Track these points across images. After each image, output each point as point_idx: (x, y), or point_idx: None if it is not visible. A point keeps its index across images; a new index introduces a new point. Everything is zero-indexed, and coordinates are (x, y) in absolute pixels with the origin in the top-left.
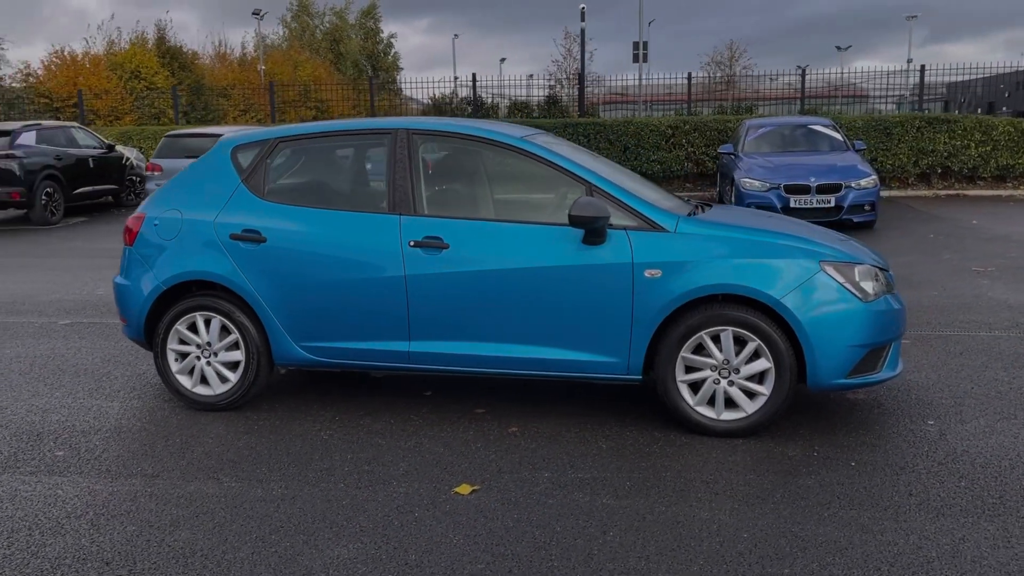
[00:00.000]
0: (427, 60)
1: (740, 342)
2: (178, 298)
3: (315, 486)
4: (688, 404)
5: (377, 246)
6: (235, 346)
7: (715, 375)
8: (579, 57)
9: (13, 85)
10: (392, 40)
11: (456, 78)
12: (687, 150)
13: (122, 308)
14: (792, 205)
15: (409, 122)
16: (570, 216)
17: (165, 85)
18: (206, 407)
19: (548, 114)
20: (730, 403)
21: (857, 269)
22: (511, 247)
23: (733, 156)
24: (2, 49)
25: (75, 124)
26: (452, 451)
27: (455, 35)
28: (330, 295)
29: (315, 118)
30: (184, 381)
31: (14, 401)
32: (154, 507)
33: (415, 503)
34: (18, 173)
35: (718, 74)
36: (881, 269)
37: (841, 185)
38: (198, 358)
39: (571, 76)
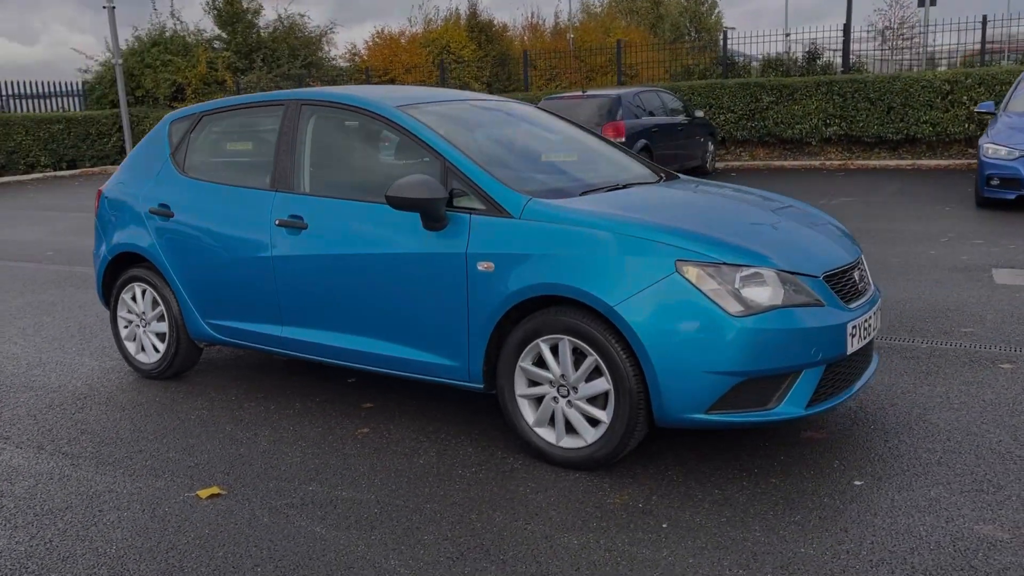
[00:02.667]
0: (754, 17)
1: (584, 355)
2: (126, 268)
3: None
4: (526, 423)
5: (252, 224)
6: (162, 318)
7: (554, 392)
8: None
9: (340, 64)
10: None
11: (788, 34)
12: (968, 108)
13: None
14: None
15: (305, 92)
16: (385, 197)
17: (472, 58)
18: (144, 374)
19: (807, 71)
20: (571, 428)
21: (741, 273)
22: (360, 230)
23: (992, 115)
24: (332, 33)
25: None
26: (253, 451)
27: None
28: (220, 273)
29: (622, 84)
30: (129, 347)
31: None
32: None
33: (156, 499)
34: None
35: None
36: (801, 275)
37: None
38: (137, 326)
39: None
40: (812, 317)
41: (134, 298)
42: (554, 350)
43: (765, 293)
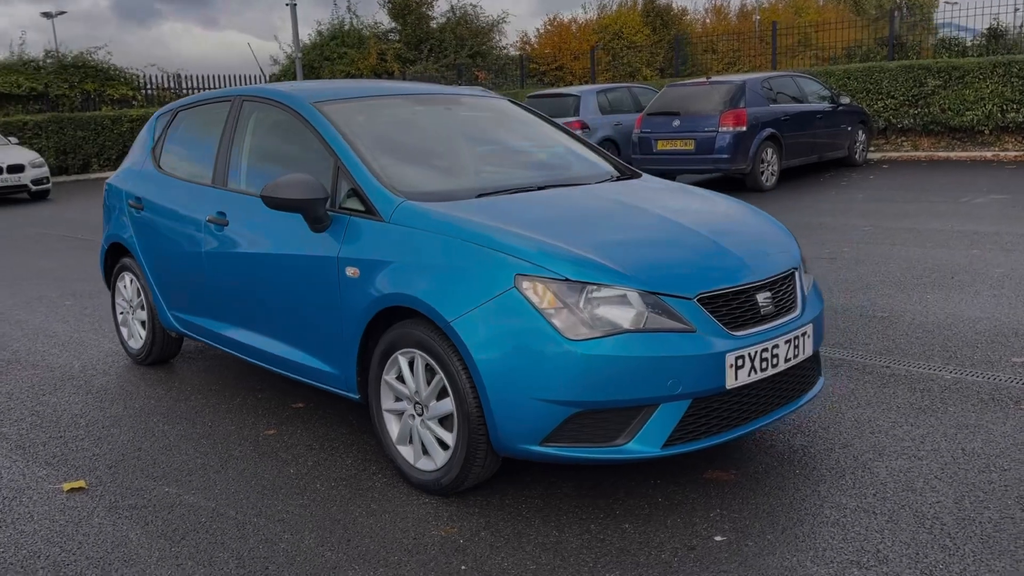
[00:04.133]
0: None
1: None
2: (120, 257)
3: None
4: (391, 439)
5: (193, 220)
6: (143, 307)
7: (412, 409)
8: None
9: (511, 53)
10: None
11: (1016, 9)
12: None
13: None
14: None
15: (248, 89)
16: (260, 196)
17: (646, 43)
18: (133, 360)
19: (987, 51)
20: (427, 449)
21: (589, 292)
22: (266, 229)
23: None
24: (504, 23)
25: (480, 89)
26: (156, 445)
27: None
28: (174, 267)
29: (812, 65)
30: (123, 332)
31: None
32: None
33: (26, 488)
34: None
35: None
36: (668, 296)
37: None
38: (127, 314)
39: None
40: (672, 344)
41: (125, 287)
42: (412, 364)
43: (618, 314)
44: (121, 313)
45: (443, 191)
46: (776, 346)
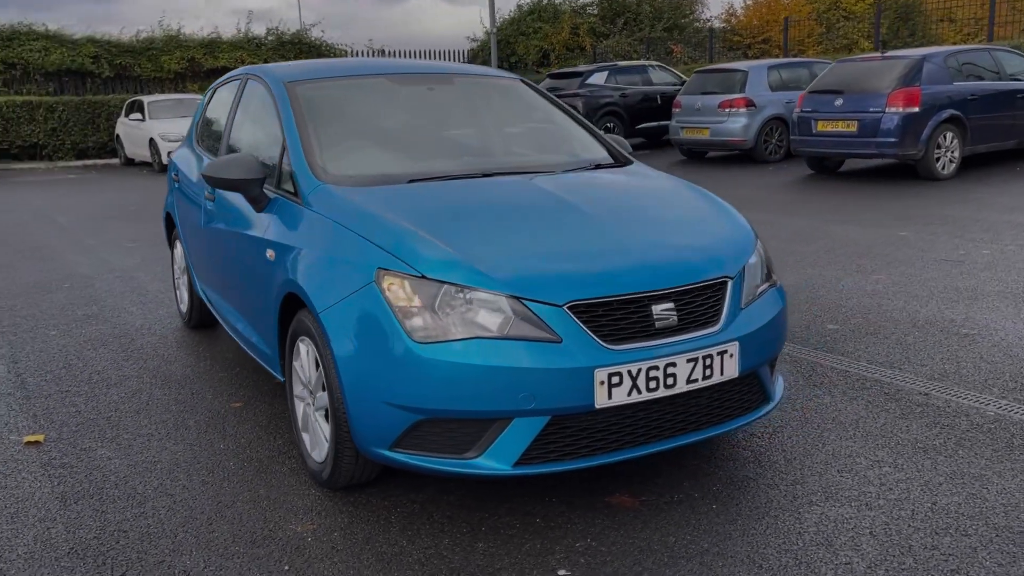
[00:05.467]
0: None
1: None
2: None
3: None
4: (297, 424)
5: (199, 193)
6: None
7: (309, 398)
8: None
9: (716, 25)
10: None
11: None
12: None
13: None
14: None
15: (254, 68)
16: (201, 175)
17: (866, 13)
18: (183, 321)
19: None
20: (317, 440)
21: (445, 291)
22: (231, 207)
23: None
24: None
25: (655, 63)
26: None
27: None
28: (192, 238)
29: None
30: (176, 295)
31: None
32: None
33: None
34: (582, 111)
35: None
36: (533, 301)
37: None
38: (178, 278)
39: None
40: (531, 355)
41: (176, 252)
42: (310, 353)
43: (477, 319)
44: (176, 278)
45: (375, 175)
46: (673, 364)
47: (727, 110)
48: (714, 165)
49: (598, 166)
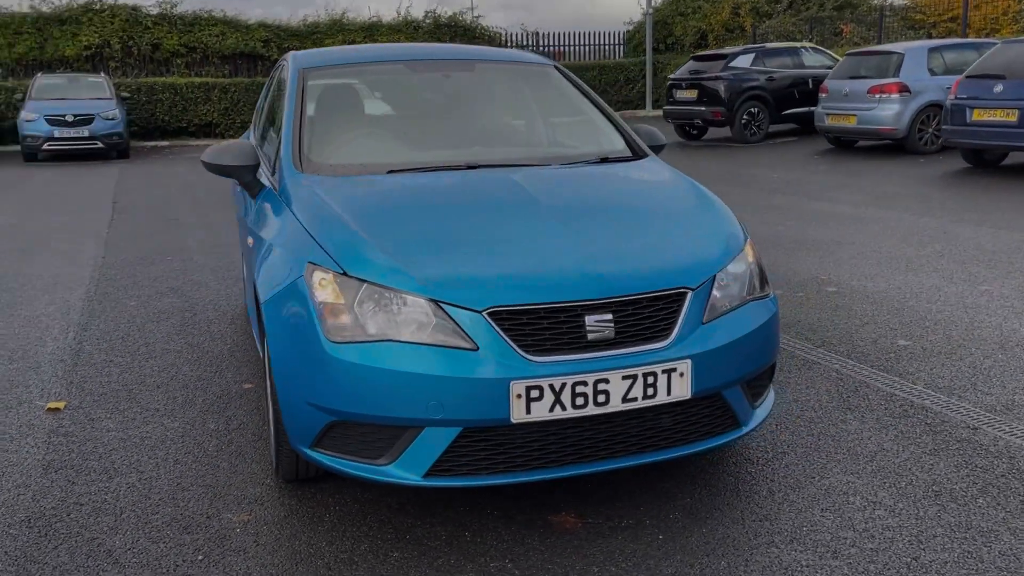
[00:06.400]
0: None
1: None
2: None
3: None
4: (269, 416)
5: None
6: None
7: None
8: None
9: (895, 3)
10: None
11: None
12: None
13: None
14: None
15: (292, 54)
16: (200, 160)
17: None
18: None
19: None
20: None
21: (363, 290)
22: (242, 193)
23: None
24: None
25: (810, 46)
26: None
27: None
28: (239, 226)
29: None
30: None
31: None
32: None
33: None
34: (723, 95)
35: None
36: (452, 305)
37: None
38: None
39: None
40: (442, 362)
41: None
42: None
43: (394, 320)
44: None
45: (355, 165)
46: (605, 381)
47: (877, 96)
48: (859, 155)
49: (604, 160)
